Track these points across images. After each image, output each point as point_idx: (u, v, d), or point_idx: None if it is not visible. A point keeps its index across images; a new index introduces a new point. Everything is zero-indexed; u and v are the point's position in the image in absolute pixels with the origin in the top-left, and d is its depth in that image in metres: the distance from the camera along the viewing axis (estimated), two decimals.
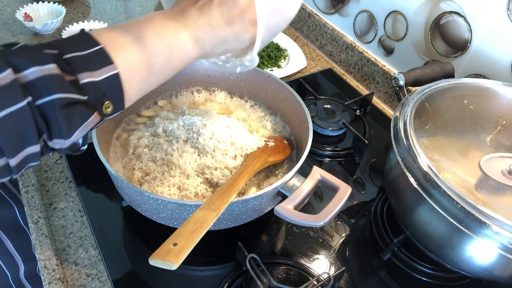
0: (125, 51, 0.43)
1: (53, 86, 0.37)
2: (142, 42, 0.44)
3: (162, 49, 0.45)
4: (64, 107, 0.38)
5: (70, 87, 0.38)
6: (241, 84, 0.83)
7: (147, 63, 0.44)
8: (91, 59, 0.40)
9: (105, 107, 0.42)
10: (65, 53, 0.39)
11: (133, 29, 0.45)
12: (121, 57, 0.42)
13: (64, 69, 0.38)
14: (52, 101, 0.37)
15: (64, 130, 0.38)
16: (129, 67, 0.43)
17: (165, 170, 0.65)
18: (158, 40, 0.45)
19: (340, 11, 1.11)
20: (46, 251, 0.65)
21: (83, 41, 0.41)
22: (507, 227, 0.51)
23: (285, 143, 0.74)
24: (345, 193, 0.59)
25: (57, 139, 0.39)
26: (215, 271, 0.66)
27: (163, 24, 0.47)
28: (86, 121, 0.40)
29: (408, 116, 0.64)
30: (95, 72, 0.40)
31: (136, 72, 0.44)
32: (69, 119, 0.38)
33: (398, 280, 0.67)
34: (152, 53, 0.45)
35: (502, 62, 0.78)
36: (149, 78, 0.46)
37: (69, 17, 1.19)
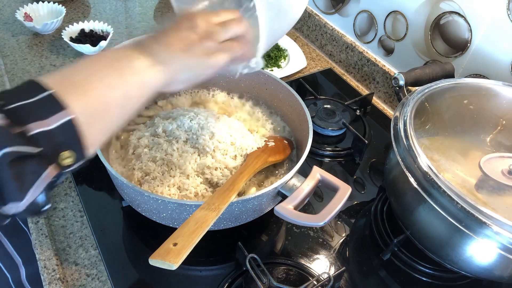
0: (76, 93, 0.39)
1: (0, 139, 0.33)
2: (95, 78, 0.41)
3: (117, 81, 0.42)
4: (12, 164, 0.34)
5: (18, 140, 0.34)
6: (241, 84, 0.83)
7: (104, 100, 0.41)
8: (41, 106, 0.36)
9: (63, 157, 0.38)
10: (10, 103, 0.35)
11: (85, 67, 0.42)
12: (72, 99, 0.38)
13: (10, 120, 0.34)
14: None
15: (15, 190, 0.34)
16: (83, 109, 0.39)
17: (165, 170, 0.65)
18: (111, 72, 0.42)
19: (340, 11, 1.11)
20: (46, 251, 0.65)
21: (31, 89, 0.37)
22: (507, 227, 0.51)
23: (285, 143, 0.74)
24: (345, 193, 0.59)
25: (11, 203, 0.35)
26: (215, 271, 0.66)
27: (116, 56, 0.44)
28: (39, 177, 0.36)
29: (408, 116, 0.64)
30: (46, 120, 0.36)
31: (93, 113, 0.40)
32: (20, 177, 0.34)
33: (398, 280, 0.67)
34: (107, 88, 0.41)
35: (502, 62, 0.78)
36: (110, 116, 0.42)
37: (69, 17, 1.19)
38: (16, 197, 0.35)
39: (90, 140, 0.40)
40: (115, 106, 0.42)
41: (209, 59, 0.49)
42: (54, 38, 1.11)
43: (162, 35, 0.48)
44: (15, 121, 0.35)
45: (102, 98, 0.41)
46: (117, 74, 0.42)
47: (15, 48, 1.06)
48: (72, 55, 1.06)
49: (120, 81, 0.42)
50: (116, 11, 1.26)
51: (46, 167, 0.36)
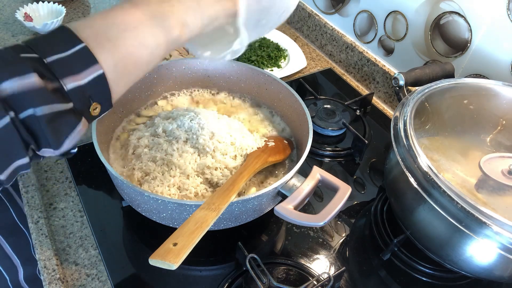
0: (110, 48, 0.40)
1: (35, 99, 0.35)
2: (128, 35, 0.41)
3: (150, 40, 0.43)
4: (50, 120, 0.36)
5: (54, 97, 0.36)
6: (241, 84, 0.83)
7: (134, 58, 0.42)
8: (75, 60, 0.37)
9: (92, 109, 0.40)
10: (45, 56, 0.36)
11: (121, 21, 0.41)
12: (105, 55, 0.39)
13: (45, 77, 0.36)
14: (36, 115, 0.35)
15: (53, 142, 0.37)
16: (114, 64, 0.40)
17: (165, 170, 0.65)
18: (145, 30, 0.42)
19: (340, 11, 1.11)
20: (46, 251, 0.65)
21: (65, 39, 0.38)
22: (507, 227, 0.51)
23: (285, 143, 0.74)
24: (345, 193, 0.59)
25: (46, 149, 0.37)
26: (215, 271, 0.66)
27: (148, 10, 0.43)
28: (74, 130, 0.38)
29: (408, 116, 0.64)
30: (79, 75, 0.37)
31: (122, 68, 0.41)
32: (57, 131, 0.37)
33: (398, 280, 0.67)
34: (139, 46, 0.42)
35: (502, 62, 0.78)
36: (137, 71, 0.44)
37: (69, 17, 1.19)
38: (53, 146, 0.37)
39: (116, 92, 0.41)
40: (143, 62, 0.43)
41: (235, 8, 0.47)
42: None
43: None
44: (50, 77, 0.36)
45: (133, 56, 0.41)
46: (150, 32, 0.42)
47: None
48: None
49: (153, 39, 0.43)
50: None
51: (80, 121, 0.38)
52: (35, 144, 0.36)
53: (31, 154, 0.37)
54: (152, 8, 0.43)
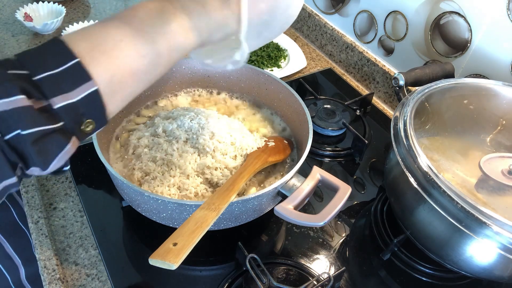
0: (105, 61, 0.37)
1: (22, 120, 0.33)
2: (125, 45, 0.38)
3: (149, 49, 0.40)
4: (36, 141, 0.34)
5: (42, 118, 0.34)
6: (241, 84, 0.83)
7: (132, 69, 0.39)
8: (67, 77, 0.35)
9: (85, 126, 0.37)
10: (35, 73, 0.34)
11: (116, 31, 0.39)
12: (100, 69, 0.37)
13: (34, 97, 0.34)
14: (22, 136, 0.33)
15: (40, 163, 0.35)
16: (109, 79, 0.37)
17: (165, 170, 0.65)
18: (143, 38, 0.39)
19: (340, 11, 1.11)
20: (46, 251, 0.65)
21: (57, 54, 0.36)
22: (507, 227, 0.51)
23: (285, 143, 0.74)
24: (345, 193, 0.59)
25: (35, 168, 0.36)
26: (215, 271, 0.66)
27: (148, 18, 0.40)
28: (62, 150, 0.36)
29: (408, 116, 0.64)
30: (71, 92, 0.35)
31: (118, 82, 0.38)
32: (44, 152, 0.35)
33: (398, 280, 0.67)
34: (137, 56, 0.39)
35: (502, 62, 0.78)
36: (136, 83, 0.41)
37: (69, 17, 1.19)
38: (40, 168, 0.35)
39: (112, 108, 0.39)
40: (142, 73, 0.40)
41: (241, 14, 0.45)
42: None
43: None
44: (38, 96, 0.34)
45: (130, 67, 0.39)
46: (149, 40, 0.40)
47: (15, 48, 1.06)
48: None
49: (152, 48, 0.40)
50: (116, 11, 1.26)
51: (69, 140, 0.36)
52: (23, 164, 0.35)
53: (19, 173, 0.36)
54: (152, 15, 0.41)
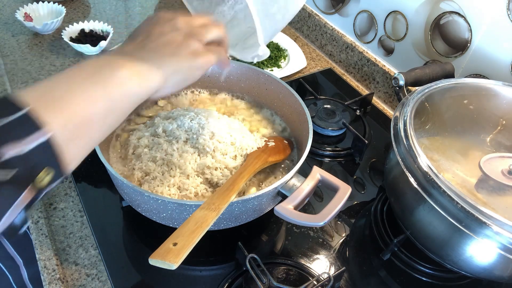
0: (55, 109, 0.37)
1: None
2: (75, 92, 0.38)
3: (100, 94, 0.40)
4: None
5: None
6: (241, 84, 0.83)
7: (85, 115, 0.38)
8: (16, 126, 0.34)
9: (40, 178, 0.36)
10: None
11: (66, 80, 0.39)
12: (52, 117, 0.36)
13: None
14: None
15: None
16: (62, 126, 0.36)
17: (165, 170, 0.65)
18: (93, 84, 0.40)
19: (340, 11, 1.11)
20: (46, 251, 0.65)
21: (5, 107, 0.35)
22: (507, 227, 0.51)
23: (285, 143, 0.74)
24: (345, 193, 0.59)
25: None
26: (215, 271, 0.66)
27: (98, 66, 0.41)
28: (14, 202, 0.34)
29: (408, 116, 0.64)
30: (21, 141, 0.34)
31: (73, 129, 0.38)
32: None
33: (398, 280, 0.67)
34: (88, 102, 0.39)
35: (502, 62, 0.78)
36: (92, 131, 0.40)
37: (69, 17, 1.19)
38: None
39: (70, 157, 0.38)
40: (97, 120, 0.40)
41: (197, 60, 0.48)
42: (54, 38, 1.11)
43: (145, 40, 0.46)
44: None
45: (83, 113, 0.38)
46: (99, 86, 0.40)
47: (15, 48, 1.06)
48: (72, 55, 1.06)
49: (103, 93, 0.40)
50: (116, 11, 1.26)
51: (22, 192, 0.35)
52: None
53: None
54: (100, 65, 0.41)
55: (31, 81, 0.97)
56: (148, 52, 0.45)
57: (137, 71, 0.43)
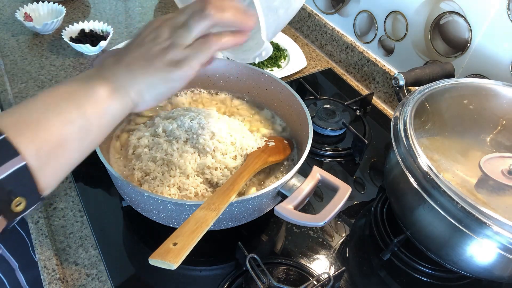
0: (30, 133, 0.36)
1: None
2: (50, 114, 0.38)
3: (75, 114, 0.39)
4: None
5: None
6: (241, 84, 0.83)
7: (60, 137, 0.38)
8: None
9: (14, 205, 0.35)
10: None
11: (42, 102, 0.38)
12: (25, 142, 0.35)
13: None
14: None
15: None
16: (37, 151, 0.36)
17: (165, 170, 0.65)
18: (68, 105, 0.39)
19: (340, 11, 1.11)
20: (46, 251, 0.65)
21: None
22: (507, 227, 0.51)
23: (285, 143, 0.74)
24: (345, 193, 0.59)
25: None
26: (215, 271, 0.66)
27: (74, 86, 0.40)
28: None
29: (408, 116, 0.64)
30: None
31: (48, 154, 0.37)
32: None
33: (398, 280, 0.67)
34: (63, 123, 0.38)
35: (502, 62, 0.78)
36: (69, 152, 0.39)
37: (69, 17, 1.19)
38: None
39: (45, 181, 0.37)
40: (73, 141, 0.39)
41: (173, 72, 0.43)
42: (54, 38, 1.11)
43: (125, 52, 0.44)
44: None
45: (58, 135, 0.38)
46: (74, 106, 0.39)
47: (15, 48, 1.06)
48: (72, 55, 1.06)
49: (78, 114, 0.39)
50: (116, 11, 1.26)
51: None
52: None
53: None
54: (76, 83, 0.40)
55: (31, 81, 0.97)
56: (122, 67, 0.43)
57: (111, 89, 0.42)
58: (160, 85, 0.44)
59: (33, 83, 0.96)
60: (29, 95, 0.93)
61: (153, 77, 0.43)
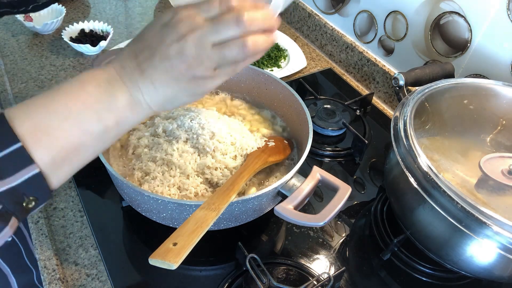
0: (48, 143, 0.37)
1: None
2: (70, 123, 0.38)
3: (95, 125, 0.39)
4: None
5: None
6: (241, 84, 0.83)
7: (77, 145, 0.39)
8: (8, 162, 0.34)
9: (26, 204, 0.37)
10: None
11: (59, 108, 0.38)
12: (43, 151, 0.36)
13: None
14: None
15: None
16: (52, 159, 0.37)
17: (165, 170, 0.65)
18: (89, 115, 0.39)
19: (340, 11, 1.11)
20: (46, 251, 0.65)
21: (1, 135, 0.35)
22: (507, 227, 0.51)
23: (285, 143, 0.74)
24: (345, 193, 0.59)
25: None
26: (215, 271, 0.66)
27: (95, 91, 0.40)
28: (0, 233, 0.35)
29: (408, 116, 0.64)
30: (11, 177, 0.35)
31: (62, 160, 0.38)
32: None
33: (398, 280, 0.67)
34: (83, 132, 0.39)
35: (502, 62, 0.78)
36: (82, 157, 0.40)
37: (69, 17, 1.19)
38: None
39: (57, 181, 0.38)
40: (88, 147, 0.40)
41: (198, 88, 0.43)
42: (54, 38, 1.11)
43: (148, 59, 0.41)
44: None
45: (75, 144, 0.38)
46: (95, 116, 0.39)
47: (15, 48, 1.06)
48: (72, 55, 1.06)
49: (98, 124, 0.39)
50: (116, 11, 1.26)
51: (6, 225, 0.36)
52: None
53: None
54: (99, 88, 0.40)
55: (31, 81, 0.97)
56: (146, 81, 0.41)
57: (135, 99, 0.41)
58: (183, 98, 0.44)
59: (33, 83, 0.96)
60: (29, 95, 0.93)
61: (176, 93, 0.43)
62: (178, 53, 0.40)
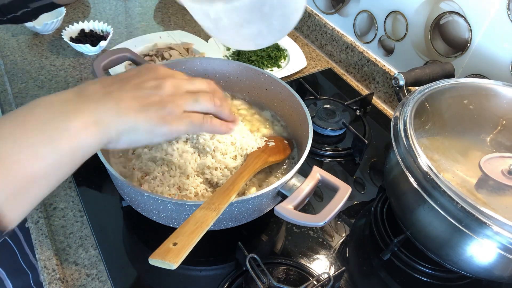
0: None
1: None
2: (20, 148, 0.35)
3: (47, 149, 0.36)
4: None
5: None
6: (241, 84, 0.83)
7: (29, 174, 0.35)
8: None
9: None
10: None
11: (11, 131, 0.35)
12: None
13: None
14: None
15: None
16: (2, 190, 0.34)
17: (165, 170, 0.65)
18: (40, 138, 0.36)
19: (340, 11, 1.11)
20: (46, 251, 0.65)
21: None
22: (507, 227, 0.51)
23: (285, 143, 0.74)
24: (345, 193, 0.59)
25: None
26: (215, 271, 0.66)
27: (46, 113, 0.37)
28: None
29: (408, 116, 0.64)
30: None
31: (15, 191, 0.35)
32: None
33: (398, 280, 0.67)
34: (33, 158, 0.35)
35: (502, 62, 0.78)
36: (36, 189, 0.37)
37: (69, 17, 1.19)
38: None
39: (10, 219, 0.35)
40: (41, 177, 0.36)
41: (161, 127, 0.43)
42: (54, 38, 1.11)
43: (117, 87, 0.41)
44: None
45: (26, 172, 0.35)
46: (47, 140, 0.36)
47: (15, 48, 1.06)
48: (72, 55, 1.06)
49: (51, 148, 0.36)
50: (116, 11, 1.26)
51: None
52: None
53: None
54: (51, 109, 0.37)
55: (31, 81, 0.97)
56: (112, 102, 0.40)
57: (91, 121, 0.39)
58: (143, 134, 0.42)
59: (33, 83, 0.96)
60: (29, 95, 0.93)
61: (140, 124, 0.41)
62: (155, 87, 0.43)
